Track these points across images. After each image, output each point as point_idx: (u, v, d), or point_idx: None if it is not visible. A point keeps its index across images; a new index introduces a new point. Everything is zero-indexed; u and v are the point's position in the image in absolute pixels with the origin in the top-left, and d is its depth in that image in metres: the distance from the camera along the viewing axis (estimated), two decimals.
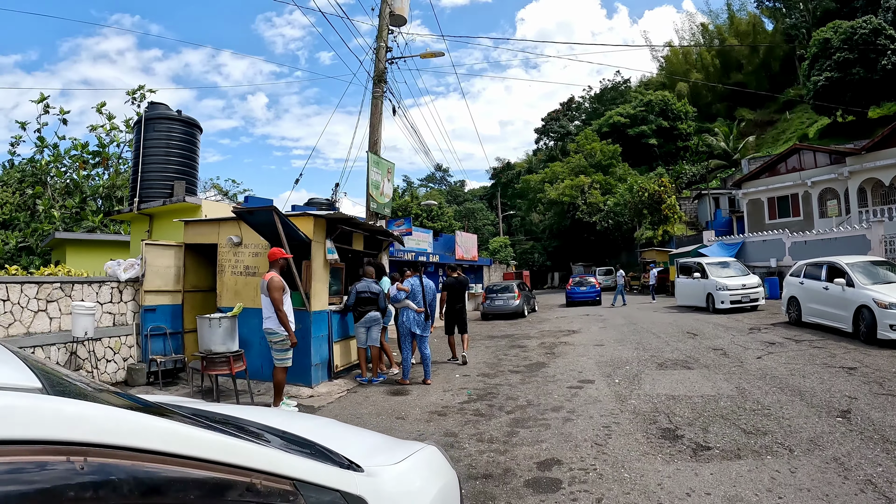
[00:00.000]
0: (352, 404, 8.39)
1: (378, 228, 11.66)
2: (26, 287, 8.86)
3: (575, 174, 51.93)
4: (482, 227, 60.88)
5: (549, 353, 12.43)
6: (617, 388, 8.50)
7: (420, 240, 25.36)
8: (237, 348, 7.25)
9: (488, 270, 36.89)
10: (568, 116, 75.56)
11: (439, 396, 8.67)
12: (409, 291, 9.78)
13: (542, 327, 18.68)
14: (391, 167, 14.95)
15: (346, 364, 10.41)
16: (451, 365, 11.60)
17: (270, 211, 8.24)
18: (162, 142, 13.68)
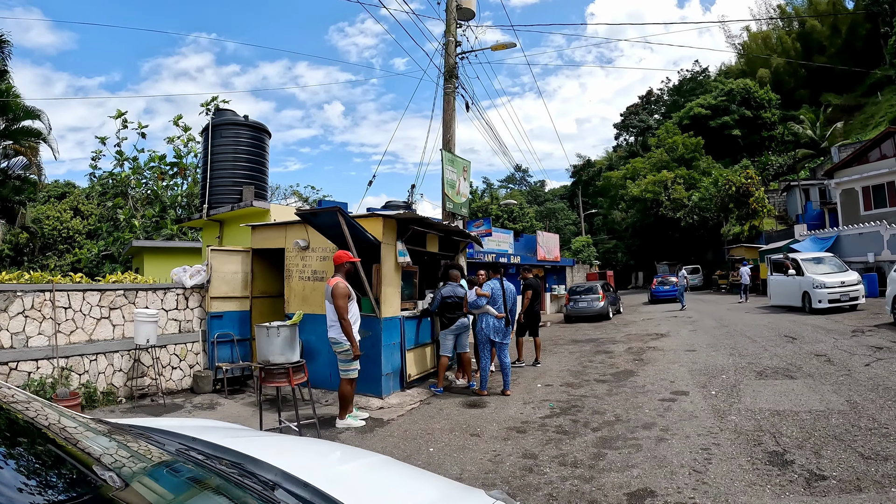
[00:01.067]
0: (423, 417, 7.70)
1: (453, 228, 10.90)
2: (88, 294, 8.78)
3: (657, 169, 50.12)
4: (564, 227, 59.57)
5: (637, 360, 11.45)
6: (714, 400, 7.55)
7: (500, 241, 24.58)
8: (297, 359, 6.66)
9: (571, 271, 35.83)
10: (647, 110, 73.29)
11: (519, 409, 7.89)
12: (490, 296, 8.96)
13: (629, 330, 17.61)
14: (467, 165, 14.23)
15: (421, 373, 9.72)
16: (531, 373, 10.76)
17: (335, 212, 7.64)
18: (230, 147, 13.54)
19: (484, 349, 9.02)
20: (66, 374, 8.28)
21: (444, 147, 13.54)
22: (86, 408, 8.15)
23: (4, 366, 7.68)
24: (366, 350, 8.18)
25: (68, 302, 8.52)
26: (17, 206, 19.31)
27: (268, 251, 10.44)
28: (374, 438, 6.78)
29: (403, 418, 7.71)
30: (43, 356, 8.08)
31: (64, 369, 8.26)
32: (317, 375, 9.12)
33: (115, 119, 26.99)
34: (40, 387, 7.81)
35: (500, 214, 40.71)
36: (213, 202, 13.31)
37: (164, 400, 9.02)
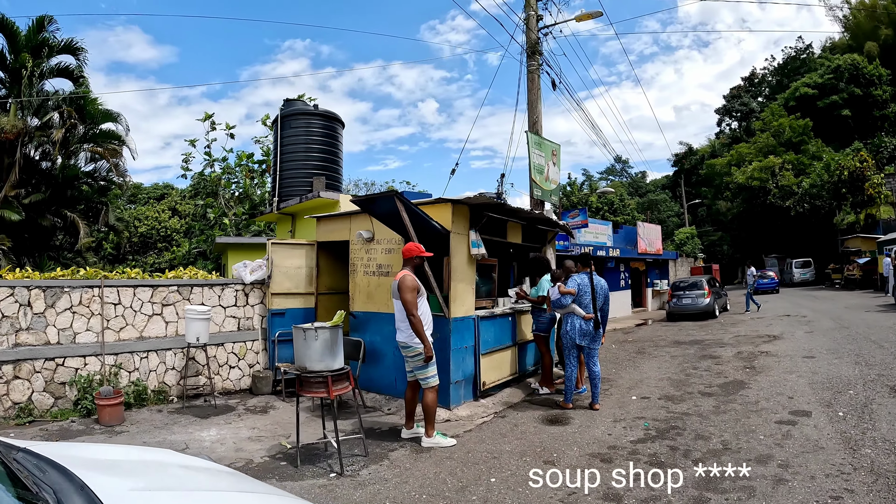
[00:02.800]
0: (493, 435, 6.58)
1: (538, 216, 9.63)
2: (140, 290, 8.55)
3: (763, 155, 46.40)
4: (666, 219, 56.67)
5: (747, 368, 9.94)
6: (842, 425, 6.14)
7: (598, 232, 23.07)
8: (339, 366, 5.70)
9: (674, 265, 33.60)
10: (750, 93, 68.72)
11: (607, 429, 6.64)
12: (575, 294, 7.66)
13: (737, 331, 15.86)
14: (556, 148, 13.02)
15: (498, 381, 8.54)
16: (626, 382, 9.47)
17: (391, 196, 6.64)
18: (301, 138, 12.97)
19: (570, 355, 7.75)
20: (115, 371, 8.08)
21: (529, 129, 12.43)
22: (134, 406, 8.03)
23: (51, 361, 7.63)
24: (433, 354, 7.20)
25: (118, 298, 8.31)
26: (100, 205, 19.54)
27: (334, 244, 9.66)
28: (428, 461, 5.76)
29: (470, 435, 6.64)
30: (91, 353, 7.93)
31: (112, 366, 8.08)
32: (381, 380, 8.34)
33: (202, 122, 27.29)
34: (87, 383, 7.72)
35: (600, 207, 38.95)
36: (283, 195, 12.76)
37: (215, 401, 8.53)
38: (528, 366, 9.66)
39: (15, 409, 7.35)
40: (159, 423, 7.35)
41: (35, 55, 16.87)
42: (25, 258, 16.48)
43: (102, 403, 7.21)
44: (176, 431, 6.97)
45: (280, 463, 5.79)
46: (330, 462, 5.68)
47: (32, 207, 16.90)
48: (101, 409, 7.24)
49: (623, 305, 24.36)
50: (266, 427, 7.20)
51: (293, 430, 5.89)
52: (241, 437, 6.76)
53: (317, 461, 5.82)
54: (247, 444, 6.50)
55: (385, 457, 5.89)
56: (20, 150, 16.39)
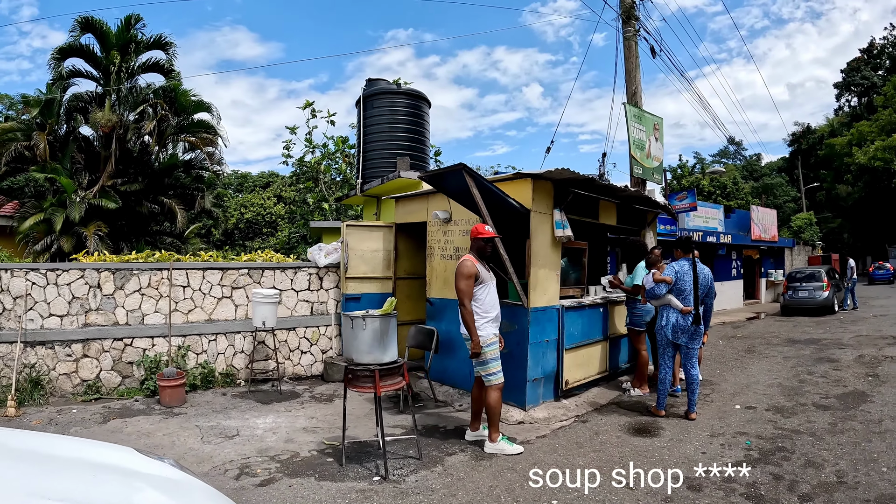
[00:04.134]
0: (568, 445, 5.77)
1: (635, 194, 8.62)
2: (209, 273, 8.51)
3: (886, 133, 42.44)
4: (782, 205, 53.09)
5: (870, 376, 8.67)
6: None
7: (708, 216, 21.62)
8: (391, 359, 5.10)
9: (790, 253, 31.06)
10: (870, 65, 63.03)
11: (701, 445, 5.68)
12: (672, 283, 6.67)
13: (858, 329, 14.27)
14: (658, 122, 11.92)
15: (584, 379, 7.71)
16: (730, 386, 8.44)
17: (459, 171, 5.93)
18: (384, 118, 12.53)
19: (664, 354, 6.81)
20: (183, 352, 8.17)
21: (628, 101, 11.43)
22: (200, 388, 8.10)
23: (119, 341, 7.83)
24: (509, 348, 6.51)
25: (187, 280, 8.35)
26: (195, 192, 20.08)
27: (413, 226, 9.13)
28: (486, 471, 5.07)
29: (542, 442, 5.87)
30: (158, 334, 8.05)
31: (180, 348, 8.17)
32: (456, 372, 7.74)
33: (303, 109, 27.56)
34: (154, 364, 7.83)
35: (711, 190, 36.73)
36: (367, 177, 12.38)
37: (282, 386, 8.39)
38: (620, 363, 8.78)
39: (83, 386, 7.61)
40: (218, 407, 7.21)
41: (124, 52, 17.38)
42: (123, 243, 17.08)
43: (164, 384, 7.24)
44: (232, 416, 6.79)
45: (327, 459, 5.34)
46: (379, 463, 5.12)
47: (129, 196, 17.47)
48: (162, 390, 7.27)
49: (734, 297, 22.92)
50: (326, 418, 6.78)
51: (356, 423, 5.39)
52: (297, 426, 6.42)
53: (365, 460, 5.31)
54: (300, 434, 6.14)
55: (440, 461, 5.28)
56: (115, 142, 16.97)
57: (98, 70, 17.73)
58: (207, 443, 5.80)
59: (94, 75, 17.84)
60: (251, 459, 5.31)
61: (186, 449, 5.61)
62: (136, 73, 18.56)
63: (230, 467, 5.10)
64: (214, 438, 5.93)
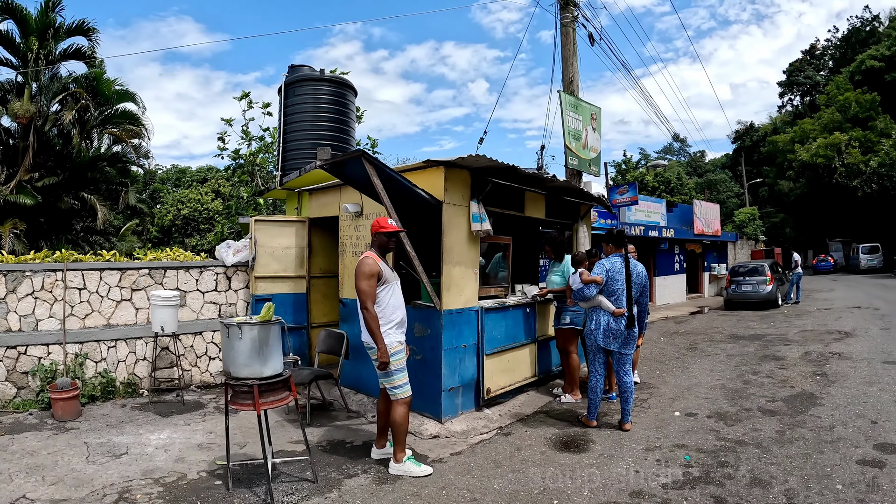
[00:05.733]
0: (485, 463, 5.11)
1: (564, 185, 7.93)
2: (107, 274, 7.78)
3: (828, 131, 43.57)
4: (726, 200, 54.11)
5: (818, 375, 8.25)
6: None
7: (650, 211, 21.42)
8: (274, 371, 4.38)
9: (733, 247, 31.49)
10: (813, 65, 65.33)
11: (635, 461, 5.07)
12: (602, 283, 6.00)
13: (803, 324, 14.00)
14: (596, 112, 11.35)
15: (509, 386, 7.04)
16: (670, 390, 7.88)
17: (359, 157, 5.19)
18: (307, 106, 11.60)
19: (595, 360, 6.14)
20: (81, 361, 7.46)
21: (564, 89, 10.82)
22: (100, 399, 7.41)
23: (13, 350, 7.16)
24: (423, 354, 5.91)
25: (83, 282, 7.64)
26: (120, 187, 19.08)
27: (327, 221, 8.41)
28: (388, 497, 4.43)
29: (457, 461, 5.19)
30: (53, 341, 7.37)
31: (78, 356, 7.46)
32: (371, 380, 6.88)
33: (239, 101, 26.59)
34: (50, 374, 7.16)
35: (656, 185, 36.84)
36: (288, 168, 11.49)
37: (185, 396, 7.67)
38: (553, 366, 8.15)
39: None
40: (114, 421, 6.54)
41: (43, 38, 16.53)
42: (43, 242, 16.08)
43: (56, 397, 6.60)
44: (126, 431, 6.14)
45: (215, 482, 4.69)
46: (272, 486, 4.44)
47: (49, 191, 16.54)
48: (55, 403, 6.61)
49: (677, 291, 22.92)
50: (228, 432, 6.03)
51: (243, 440, 4.72)
52: (192, 443, 5.74)
53: (256, 483, 4.65)
54: (193, 452, 5.45)
55: (337, 485, 4.59)
56: (34, 134, 16.06)
57: (17, 57, 16.78)
58: (92, 463, 5.17)
59: (14, 63, 16.89)
60: (133, 483, 4.69)
61: (68, 470, 4.98)
62: (58, 61, 17.60)
63: (109, 492, 4.50)
64: (101, 458, 5.29)
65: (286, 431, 6.00)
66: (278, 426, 6.16)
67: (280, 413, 6.66)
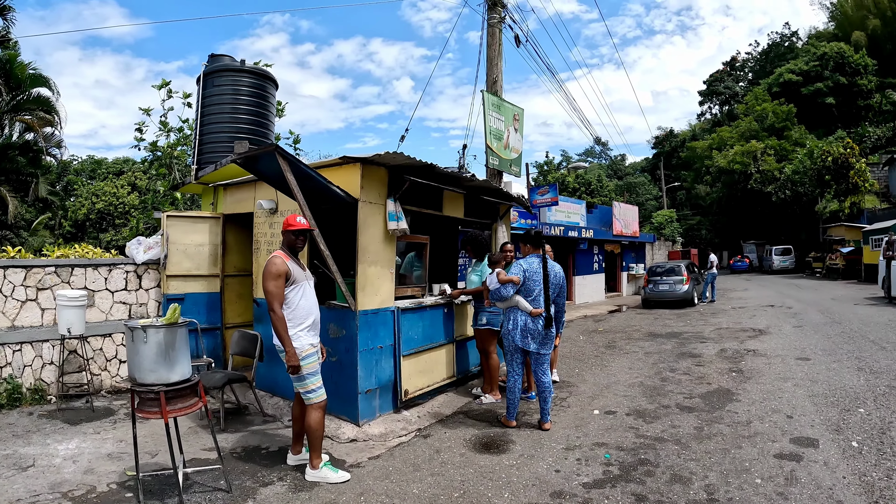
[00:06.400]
0: (404, 467, 5.02)
1: (483, 185, 7.89)
2: (10, 272, 7.25)
3: (745, 139, 45.69)
4: (645, 202, 55.70)
5: (734, 371, 8.48)
6: (859, 462, 4.72)
7: (570, 212, 21.78)
8: (182, 376, 4.16)
9: (651, 248, 32.64)
10: (733, 76, 68.35)
11: (555, 461, 5.07)
12: (520, 283, 5.96)
13: (719, 322, 14.48)
14: (519, 113, 11.41)
15: (427, 387, 6.96)
16: (589, 388, 7.92)
17: (272, 152, 5.00)
18: (226, 97, 11.15)
19: (513, 361, 6.11)
20: None
21: (487, 89, 10.82)
22: (5, 407, 6.82)
23: None
24: (338, 356, 5.74)
25: None
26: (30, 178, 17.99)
27: (242, 217, 8.14)
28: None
29: (375, 465, 5.08)
30: None
31: None
32: (287, 382, 6.47)
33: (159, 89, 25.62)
34: None
35: (577, 187, 37.54)
36: (204, 162, 11.04)
37: (94, 402, 7.15)
38: (471, 366, 8.11)
39: None
40: (21, 430, 6.07)
41: None
42: None
43: None
44: (33, 441, 5.71)
45: (125, 495, 4.42)
46: (184, 497, 4.24)
47: None
48: None
49: (596, 290, 23.41)
50: (139, 441, 5.66)
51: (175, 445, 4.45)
52: (103, 452, 5.39)
53: (168, 494, 4.41)
54: (103, 463, 5.11)
55: (252, 494, 4.41)
56: None
57: None
58: None
59: None
60: (41, 498, 4.36)
61: None
62: None
63: None
64: (6, 471, 4.90)
65: (200, 438, 5.74)
66: (192, 433, 5.91)
67: (194, 419, 6.36)
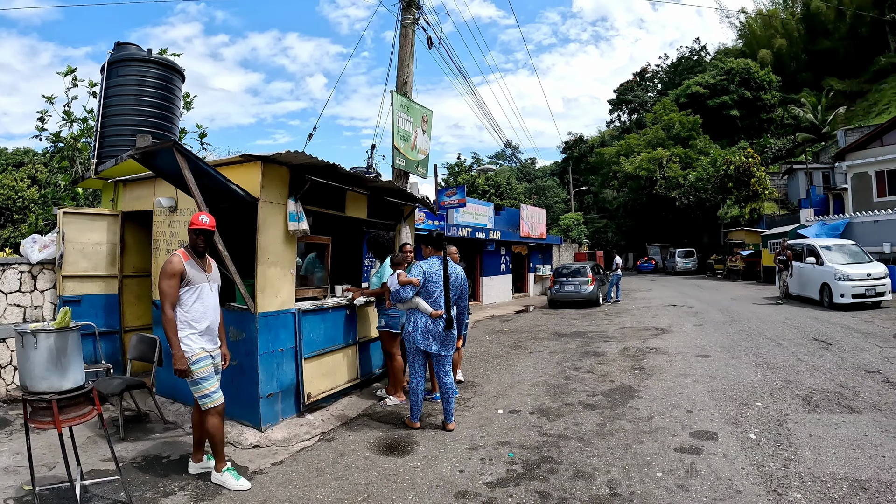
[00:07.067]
0: (308, 471, 4.97)
1: (386, 186, 7.99)
2: None
3: (652, 147, 47.88)
4: (553, 206, 57.18)
5: (636, 369, 8.80)
6: (757, 453, 4.97)
7: (478, 213, 22.02)
8: (75, 384, 4.01)
9: (558, 250, 33.67)
10: (642, 87, 71.27)
11: (459, 461, 5.14)
12: (420, 284, 6.00)
13: (622, 321, 14.99)
14: (427, 114, 11.48)
15: (331, 390, 6.92)
16: (493, 388, 8.06)
17: (170, 148, 4.88)
18: (131, 88, 10.72)
19: (415, 362, 6.16)
20: None
21: (398, 90, 10.84)
22: None
23: None
24: (238, 359, 5.62)
25: None
26: None
27: (142, 216, 7.78)
28: None
29: (278, 470, 5.01)
30: None
31: None
32: (188, 388, 6.32)
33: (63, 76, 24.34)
34: None
35: (486, 189, 38.17)
36: (105, 156, 10.59)
37: None
38: (374, 368, 8.12)
39: None
40: None
41: None
42: None
43: None
44: None
45: None
46: None
47: None
48: None
49: (503, 290, 23.85)
50: (37, 452, 5.34)
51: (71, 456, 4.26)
52: None
53: None
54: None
55: None
56: None
57: None
58: None
59: None
60: None
61: None
62: None
63: None
64: None
65: (99, 448, 5.45)
66: (90, 443, 5.62)
67: (93, 428, 6.01)
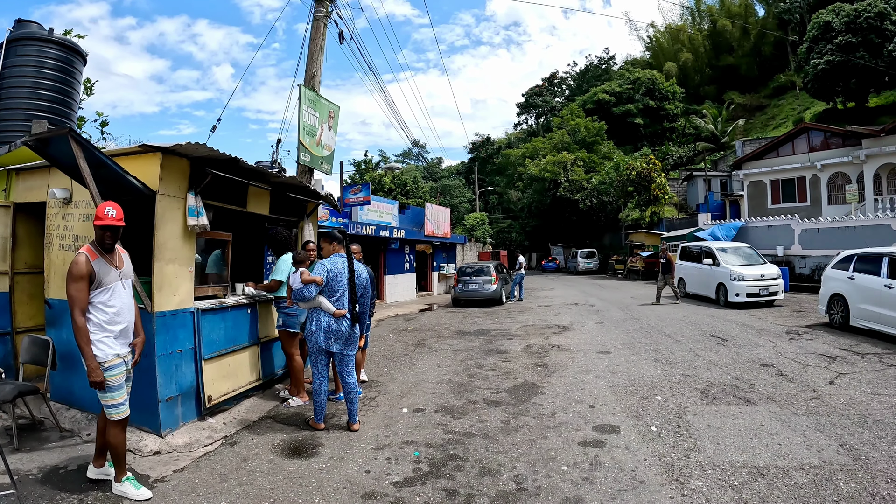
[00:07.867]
0: (210, 478, 4.86)
1: (289, 181, 7.90)
2: None
3: (557, 150, 49.56)
4: (458, 205, 58.07)
5: (539, 366, 9.08)
6: (659, 445, 5.26)
7: (382, 211, 22.15)
8: None
9: (462, 249, 34.34)
10: (551, 92, 73.35)
11: (365, 462, 5.16)
12: (323, 283, 5.94)
13: (525, 320, 15.40)
14: (335, 110, 11.43)
15: (233, 392, 6.79)
16: (398, 387, 8.13)
17: (65, 135, 4.70)
18: (29, 69, 10.11)
19: (317, 363, 6.12)
20: None
21: (305, 84, 10.73)
22: None
23: None
24: None
25: None
26: None
27: (36, 207, 7.27)
28: None
29: (180, 478, 4.87)
30: None
31: None
32: (85, 393, 5.93)
33: None
34: None
35: (392, 187, 38.26)
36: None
37: None
38: (277, 369, 8.03)
39: None
40: None
41: None
42: None
43: None
44: None
45: None
46: None
47: None
48: None
49: (407, 289, 24.08)
50: None
51: None
52: None
53: None
54: None
55: None
56: None
57: None
58: None
59: None
60: None
61: None
62: None
63: None
64: None
65: None
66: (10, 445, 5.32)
67: None
